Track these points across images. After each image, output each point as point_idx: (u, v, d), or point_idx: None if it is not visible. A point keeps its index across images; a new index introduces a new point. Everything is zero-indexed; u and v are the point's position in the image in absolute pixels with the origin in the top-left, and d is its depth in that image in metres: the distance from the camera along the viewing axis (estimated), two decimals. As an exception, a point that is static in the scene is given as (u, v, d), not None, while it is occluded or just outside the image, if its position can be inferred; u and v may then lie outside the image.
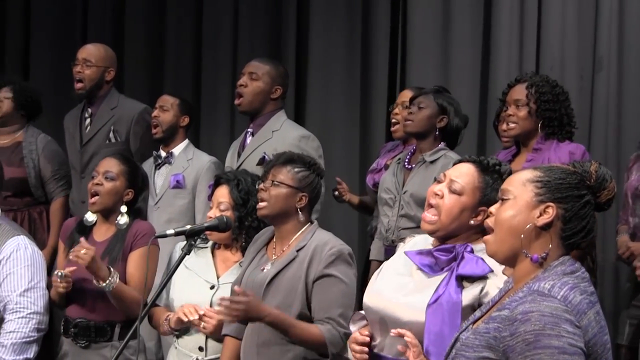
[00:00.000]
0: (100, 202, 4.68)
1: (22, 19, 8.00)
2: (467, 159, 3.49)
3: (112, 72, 6.06)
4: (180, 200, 5.74)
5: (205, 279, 4.39)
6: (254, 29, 7.20)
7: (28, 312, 4.58)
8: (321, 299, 3.97)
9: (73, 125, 6.11)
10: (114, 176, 4.70)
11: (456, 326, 3.18)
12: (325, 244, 4.02)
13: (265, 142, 5.34)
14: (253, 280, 4.09)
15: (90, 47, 6.12)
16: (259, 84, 5.42)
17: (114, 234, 4.70)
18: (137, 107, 6.10)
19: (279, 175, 4.11)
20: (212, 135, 7.21)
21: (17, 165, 6.08)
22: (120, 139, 5.99)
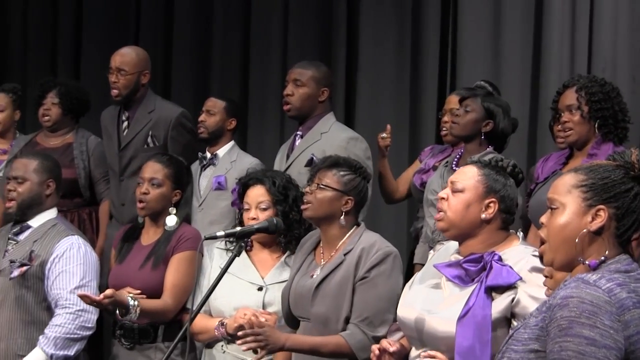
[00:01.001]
0: (148, 208, 4.78)
1: (74, 19, 8.08)
2: (467, 163, 3.57)
3: (148, 75, 6.05)
4: (223, 202, 5.72)
5: (250, 280, 4.42)
6: (303, 31, 7.20)
7: (77, 309, 4.67)
8: (358, 301, 3.98)
9: (111, 126, 6.13)
10: (160, 182, 4.77)
11: (487, 339, 3.22)
12: (371, 246, 4.03)
13: (314, 143, 5.34)
14: (302, 287, 4.11)
15: (123, 53, 6.09)
16: (305, 89, 5.42)
17: (160, 237, 4.76)
18: (174, 110, 6.07)
19: (325, 178, 4.12)
20: (260, 137, 7.22)
21: (67, 167, 6.07)
22: (158, 143, 5.98)
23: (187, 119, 6.04)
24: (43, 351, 4.64)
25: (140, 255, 4.74)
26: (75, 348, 4.69)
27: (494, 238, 3.46)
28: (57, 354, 4.64)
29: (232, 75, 7.47)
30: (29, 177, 4.88)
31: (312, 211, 4.11)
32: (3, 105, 6.61)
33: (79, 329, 4.67)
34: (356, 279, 3.98)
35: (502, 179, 3.51)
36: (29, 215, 4.89)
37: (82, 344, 4.72)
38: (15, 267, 4.72)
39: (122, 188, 5.97)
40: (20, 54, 8.27)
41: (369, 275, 3.97)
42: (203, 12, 7.60)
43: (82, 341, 4.71)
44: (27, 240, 4.83)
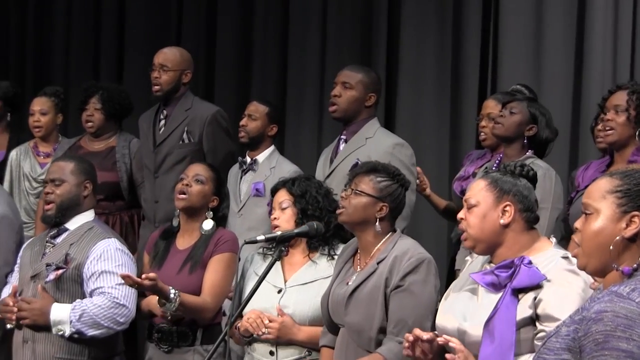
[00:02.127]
0: (188, 200, 4.77)
1: (116, 22, 8.14)
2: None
3: (189, 74, 6.08)
4: (261, 208, 5.69)
5: (273, 283, 4.41)
6: (342, 36, 7.21)
7: (116, 301, 4.69)
8: (394, 309, 3.95)
9: (147, 126, 6.15)
10: (203, 180, 4.79)
11: (511, 341, 3.22)
12: (404, 253, 4.00)
13: (359, 148, 5.32)
14: (338, 294, 4.10)
15: (167, 51, 6.14)
16: (352, 92, 5.41)
17: (197, 241, 4.76)
18: (210, 109, 6.10)
19: (361, 184, 4.10)
20: (298, 141, 7.23)
21: (109, 170, 6.15)
22: (193, 139, 6.00)
23: (223, 118, 6.06)
24: (69, 313, 4.66)
25: (177, 259, 4.74)
26: (93, 332, 4.68)
27: (521, 241, 3.45)
28: (76, 324, 4.65)
29: (271, 79, 7.50)
30: (67, 179, 4.87)
31: (346, 216, 4.10)
32: (45, 109, 6.64)
33: (108, 319, 4.67)
34: (390, 288, 3.95)
35: (510, 179, 3.51)
36: (67, 218, 4.88)
37: (104, 334, 4.70)
38: (50, 271, 4.72)
39: (157, 185, 5.98)
40: (62, 57, 8.35)
41: (403, 284, 3.94)
42: (244, 16, 7.64)
43: (106, 330, 4.70)
44: (64, 243, 4.83)
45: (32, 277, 4.79)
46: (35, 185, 6.50)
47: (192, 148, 5.97)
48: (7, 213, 5.10)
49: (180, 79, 6.05)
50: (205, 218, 4.79)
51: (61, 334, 4.67)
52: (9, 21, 8.58)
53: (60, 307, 4.68)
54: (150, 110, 6.23)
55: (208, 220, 4.78)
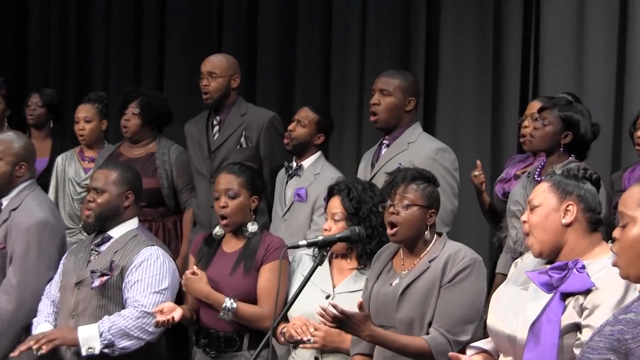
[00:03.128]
0: (231, 223, 4.77)
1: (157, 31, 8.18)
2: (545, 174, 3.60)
3: (237, 79, 6.11)
4: (302, 214, 5.70)
5: (322, 288, 4.43)
6: (382, 39, 7.17)
7: (143, 310, 4.69)
8: (442, 306, 3.96)
9: (198, 133, 6.16)
10: (235, 193, 4.77)
11: (554, 345, 3.21)
12: (457, 252, 4.03)
13: (401, 153, 5.30)
14: (384, 294, 4.09)
15: (213, 58, 6.17)
16: (391, 99, 5.36)
17: (244, 245, 4.76)
18: (266, 114, 6.14)
19: (408, 195, 4.08)
20: (339, 146, 7.21)
21: (150, 176, 6.14)
22: (251, 144, 6.02)
23: (279, 123, 6.07)
24: (98, 326, 4.67)
25: (227, 261, 4.74)
26: (125, 343, 4.67)
27: (583, 243, 3.43)
28: (107, 335, 4.64)
29: (313, 86, 7.49)
30: (108, 189, 4.87)
31: (402, 235, 4.08)
32: (89, 116, 6.67)
33: (137, 329, 4.67)
34: (442, 284, 3.98)
35: (573, 182, 3.50)
36: (108, 226, 4.90)
37: (134, 344, 4.69)
38: (95, 277, 4.74)
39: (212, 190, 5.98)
40: (103, 65, 8.39)
41: (454, 281, 3.96)
42: (285, 24, 7.64)
43: (137, 341, 4.69)
44: (109, 250, 4.85)
45: (77, 284, 4.81)
46: (79, 190, 6.53)
47: (250, 152, 5.99)
48: (49, 219, 5.11)
49: (229, 84, 6.07)
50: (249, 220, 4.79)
51: (91, 352, 4.66)
52: (50, 29, 8.64)
53: (87, 326, 4.70)
54: (199, 117, 6.25)
55: (252, 224, 4.78)
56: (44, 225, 5.06)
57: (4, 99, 7.37)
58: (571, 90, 6.07)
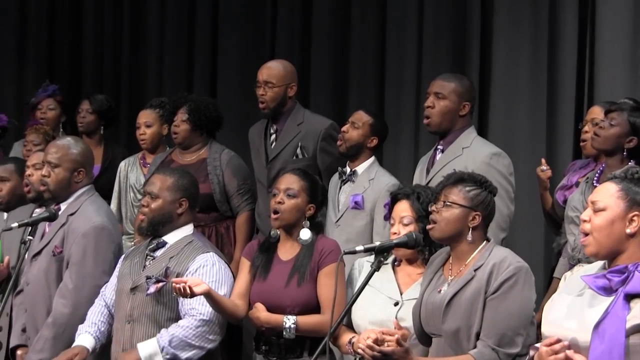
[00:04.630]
0: (282, 219, 4.75)
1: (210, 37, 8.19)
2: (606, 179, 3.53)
3: (294, 87, 6.05)
4: (359, 221, 5.68)
5: (389, 295, 4.39)
6: (437, 45, 7.16)
7: (201, 318, 4.70)
8: (488, 317, 3.93)
9: (258, 140, 6.14)
10: (295, 193, 4.76)
11: (621, 346, 3.20)
12: (502, 260, 3.98)
13: (456, 158, 5.26)
14: (432, 303, 4.07)
15: (270, 66, 6.12)
16: (446, 103, 5.33)
17: (299, 252, 4.74)
18: (323, 122, 6.07)
19: (451, 195, 4.08)
20: (395, 151, 7.19)
21: (202, 182, 6.09)
22: (307, 154, 5.99)
23: (337, 131, 5.97)
24: (157, 341, 4.68)
25: (282, 271, 4.73)
26: (188, 353, 4.68)
27: None
28: (169, 349, 4.65)
29: (368, 91, 7.47)
30: (162, 195, 4.90)
31: (439, 231, 4.08)
32: (150, 121, 6.70)
33: (198, 338, 4.68)
34: (487, 294, 3.94)
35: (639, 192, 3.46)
36: (162, 231, 4.92)
37: (197, 354, 4.71)
38: (151, 284, 4.75)
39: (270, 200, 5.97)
40: (156, 72, 8.42)
41: (499, 291, 3.92)
42: (339, 28, 7.63)
43: (199, 350, 4.71)
44: (164, 256, 4.87)
45: (132, 289, 4.84)
46: (139, 197, 6.52)
47: (306, 163, 5.91)
48: (106, 224, 5.16)
49: (286, 93, 6.03)
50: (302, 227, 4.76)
51: None
52: (104, 36, 8.70)
53: (146, 343, 4.71)
54: (260, 123, 6.23)
55: (305, 230, 4.75)
56: (101, 230, 5.10)
57: (59, 105, 7.43)
58: (627, 94, 6.01)
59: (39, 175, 5.49)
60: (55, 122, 7.33)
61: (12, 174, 5.98)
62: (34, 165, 5.72)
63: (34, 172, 5.68)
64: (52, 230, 5.18)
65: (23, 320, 5.27)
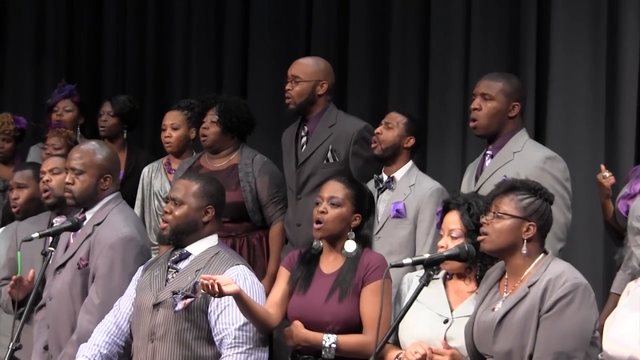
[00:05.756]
0: (325, 229, 4.75)
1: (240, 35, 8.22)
2: None
3: (325, 85, 6.01)
4: (401, 230, 5.65)
5: (438, 312, 4.40)
6: (487, 41, 7.11)
7: (247, 348, 4.68)
8: (542, 337, 3.92)
9: (289, 143, 6.14)
10: (339, 202, 4.75)
11: None
12: (558, 276, 3.97)
13: (506, 164, 5.26)
14: (484, 322, 4.08)
15: (301, 61, 6.13)
16: (493, 104, 5.33)
17: (343, 265, 4.74)
18: (356, 124, 6.04)
19: (502, 205, 4.08)
20: (440, 155, 7.17)
21: (233, 189, 6.15)
22: (338, 158, 5.96)
23: (371, 134, 5.92)
24: None
25: (323, 284, 4.73)
26: None
27: None
28: None
29: (411, 90, 7.44)
30: (187, 201, 4.90)
31: (490, 244, 4.08)
32: (177, 123, 6.74)
33: None
34: (541, 313, 3.94)
35: None
36: (185, 241, 4.91)
37: None
38: (178, 299, 4.74)
39: (299, 207, 5.97)
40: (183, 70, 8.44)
41: (554, 309, 3.92)
42: (379, 24, 7.61)
43: None
44: (189, 269, 4.85)
45: (155, 306, 4.82)
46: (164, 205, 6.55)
47: (337, 168, 5.91)
48: (134, 235, 5.17)
49: (314, 90, 6.01)
50: (347, 238, 4.78)
51: None
52: (127, 32, 8.72)
53: None
54: (292, 126, 6.23)
55: (350, 242, 4.76)
56: (129, 242, 5.12)
57: (76, 107, 7.46)
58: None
59: (58, 180, 5.54)
60: (72, 125, 7.35)
61: (30, 181, 5.99)
62: (51, 171, 5.72)
63: (52, 177, 5.69)
64: (77, 242, 5.19)
65: (45, 337, 5.26)
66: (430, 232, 5.54)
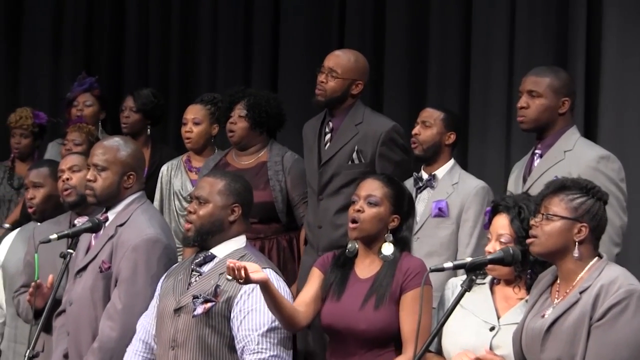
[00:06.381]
0: (361, 229, 4.72)
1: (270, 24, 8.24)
2: None
3: (360, 86, 5.99)
4: (443, 230, 5.68)
5: (484, 319, 4.36)
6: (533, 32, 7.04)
7: (270, 355, 4.69)
8: (593, 347, 3.89)
9: (312, 138, 6.11)
10: (377, 201, 4.73)
11: None
12: (612, 282, 3.93)
13: (557, 164, 5.24)
14: (533, 328, 4.05)
15: (340, 54, 6.07)
16: (541, 101, 5.31)
17: (380, 270, 4.71)
18: (385, 124, 5.99)
19: (551, 206, 4.05)
20: (483, 153, 7.14)
21: (262, 189, 6.15)
22: (364, 160, 5.92)
23: (400, 135, 5.95)
24: None
25: (359, 290, 4.70)
26: None
27: None
28: None
29: (451, 86, 7.43)
30: (212, 199, 4.90)
31: (539, 246, 4.05)
32: (199, 118, 6.73)
33: None
34: (592, 321, 3.90)
35: None
36: (210, 243, 4.91)
37: None
38: (198, 304, 4.74)
39: (320, 208, 5.94)
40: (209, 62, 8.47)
41: (606, 317, 3.88)
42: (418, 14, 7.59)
43: None
44: (213, 272, 4.85)
45: (176, 311, 4.83)
46: (186, 205, 6.49)
47: (363, 170, 5.84)
48: (160, 236, 5.15)
49: (349, 89, 5.98)
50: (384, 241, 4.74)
51: None
52: (149, 22, 8.75)
53: None
54: (316, 119, 6.19)
55: (387, 245, 4.73)
56: (154, 243, 5.10)
57: (97, 101, 7.47)
58: None
59: (79, 178, 5.53)
60: (93, 120, 7.39)
61: (47, 179, 5.97)
62: (70, 168, 5.71)
63: (72, 174, 5.67)
64: (99, 244, 5.18)
65: (65, 345, 5.27)
66: (474, 232, 5.60)
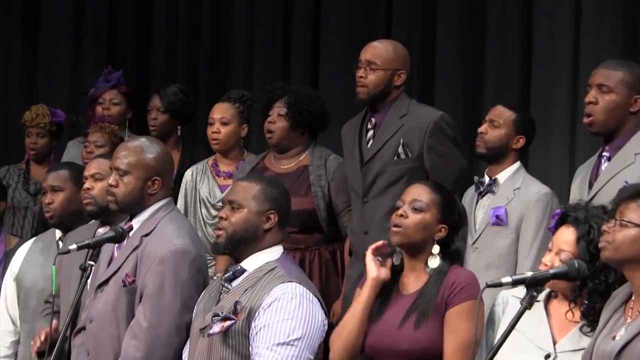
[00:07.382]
0: (404, 234, 4.66)
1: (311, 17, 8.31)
2: None
3: (403, 76, 5.99)
4: (501, 240, 5.68)
5: (538, 344, 4.31)
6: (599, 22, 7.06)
7: None
8: None
9: (352, 139, 6.10)
10: (423, 206, 4.67)
11: None
12: None
13: (627, 167, 5.21)
14: (603, 350, 3.97)
15: (377, 45, 6.08)
16: (612, 97, 5.27)
17: (425, 284, 4.65)
18: (432, 114, 6.00)
19: (627, 212, 4.01)
20: (544, 155, 7.12)
21: (303, 195, 6.17)
22: (411, 154, 5.90)
23: (449, 125, 5.98)
24: None
25: (401, 306, 4.65)
26: None
27: None
28: None
29: (509, 82, 7.44)
30: (246, 205, 4.86)
31: (611, 252, 4.00)
32: (227, 117, 6.73)
33: None
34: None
35: None
36: (242, 252, 4.87)
37: None
38: (216, 322, 4.72)
39: (366, 212, 5.94)
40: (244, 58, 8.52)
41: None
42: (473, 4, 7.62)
43: None
44: (240, 288, 4.82)
45: (201, 330, 4.81)
46: (214, 213, 6.53)
47: (410, 165, 5.88)
48: (189, 247, 5.09)
49: (392, 80, 5.98)
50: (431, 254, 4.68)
51: None
52: (178, 14, 8.81)
53: None
54: (356, 118, 6.19)
55: (434, 257, 4.67)
56: (182, 255, 5.04)
57: (124, 99, 7.48)
58: None
59: (100, 188, 5.49)
60: (119, 120, 7.43)
61: (66, 183, 5.95)
62: (93, 176, 5.66)
63: (94, 183, 5.62)
64: (122, 255, 5.14)
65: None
66: (535, 243, 5.62)
